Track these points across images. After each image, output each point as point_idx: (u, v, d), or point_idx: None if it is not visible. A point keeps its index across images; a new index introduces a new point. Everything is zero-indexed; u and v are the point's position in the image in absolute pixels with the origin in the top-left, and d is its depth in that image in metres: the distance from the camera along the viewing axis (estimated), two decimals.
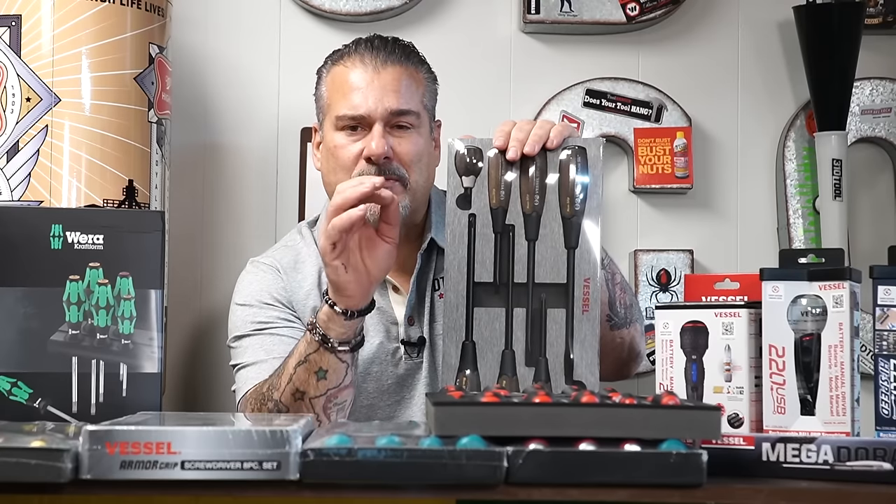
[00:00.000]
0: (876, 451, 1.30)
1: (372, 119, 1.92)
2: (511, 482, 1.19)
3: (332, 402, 1.73)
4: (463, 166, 1.66)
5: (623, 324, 1.91)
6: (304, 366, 1.71)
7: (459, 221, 1.65)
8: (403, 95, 1.94)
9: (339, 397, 1.73)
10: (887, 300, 1.46)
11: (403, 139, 1.93)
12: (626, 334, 1.92)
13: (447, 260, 1.64)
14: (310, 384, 1.71)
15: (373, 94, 1.92)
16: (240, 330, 1.94)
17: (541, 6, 2.66)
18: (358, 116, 1.92)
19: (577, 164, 1.65)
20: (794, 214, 2.71)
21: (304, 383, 1.71)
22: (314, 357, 1.70)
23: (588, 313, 1.62)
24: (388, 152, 1.90)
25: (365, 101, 1.92)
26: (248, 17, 2.69)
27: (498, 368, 1.62)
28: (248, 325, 1.93)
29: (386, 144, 1.90)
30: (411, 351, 1.95)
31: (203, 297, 2.64)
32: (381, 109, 1.91)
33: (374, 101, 1.92)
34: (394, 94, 1.93)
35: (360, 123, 1.92)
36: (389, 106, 1.92)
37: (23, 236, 1.57)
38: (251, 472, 1.18)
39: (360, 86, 1.93)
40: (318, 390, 1.71)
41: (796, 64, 2.70)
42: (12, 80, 2.16)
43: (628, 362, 1.97)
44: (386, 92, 1.93)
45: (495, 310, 1.63)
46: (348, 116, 1.93)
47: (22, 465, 1.16)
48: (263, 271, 1.99)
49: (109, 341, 1.57)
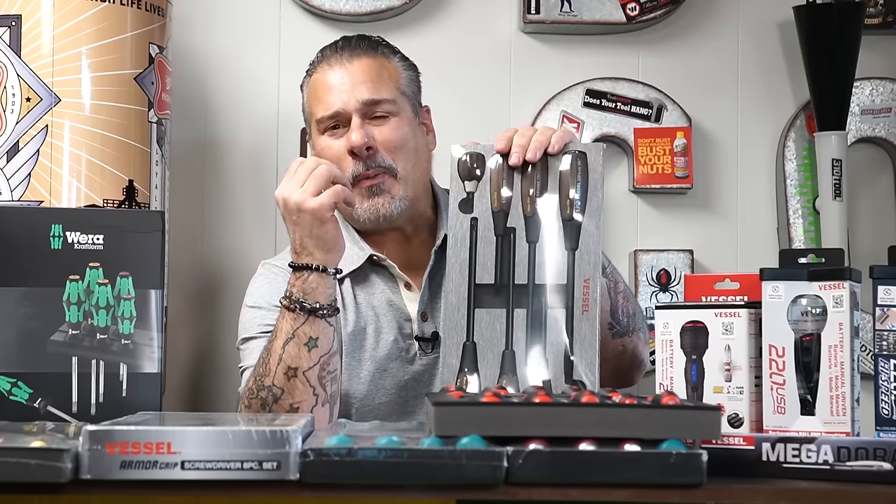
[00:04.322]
0: (876, 451, 1.30)
1: (348, 113, 1.94)
2: (511, 482, 1.19)
3: (325, 371, 1.72)
4: (465, 172, 1.68)
5: (625, 332, 1.91)
6: (294, 341, 1.71)
7: (461, 225, 1.66)
8: (374, 84, 1.96)
9: (330, 364, 1.73)
10: (887, 300, 1.46)
11: (383, 127, 1.95)
12: (629, 342, 1.92)
13: (449, 262, 1.65)
14: (302, 357, 1.71)
15: (344, 90, 1.95)
16: (248, 332, 1.95)
17: (541, 6, 2.66)
18: (334, 114, 1.95)
19: (578, 169, 1.66)
20: (794, 214, 2.71)
21: (296, 358, 1.71)
22: (303, 329, 1.70)
23: (588, 313, 1.62)
24: (370, 142, 1.92)
25: (339, 98, 1.95)
26: (248, 17, 2.69)
27: (498, 369, 1.62)
28: (256, 327, 1.93)
29: (365, 135, 1.92)
30: (426, 347, 1.96)
31: (203, 297, 2.64)
32: (353, 102, 1.94)
33: (346, 95, 1.94)
34: (363, 85, 1.95)
35: (339, 121, 1.95)
36: (360, 97, 1.94)
37: (23, 236, 1.57)
38: (251, 472, 1.18)
39: (332, 85, 1.96)
40: (311, 361, 1.71)
41: (796, 64, 2.70)
42: (12, 80, 2.16)
43: (631, 370, 1.97)
44: (356, 84, 1.95)
45: (496, 311, 1.64)
46: (326, 117, 1.96)
47: (22, 465, 1.16)
48: (275, 273, 1.99)
49: (109, 341, 1.57)
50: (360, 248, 1.99)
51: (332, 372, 1.74)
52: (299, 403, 1.70)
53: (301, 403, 1.71)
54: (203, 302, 2.64)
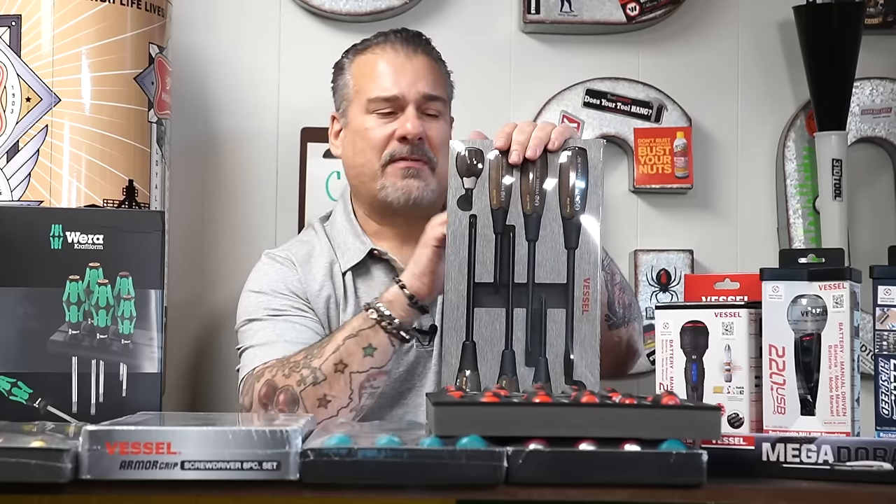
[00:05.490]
0: (876, 451, 1.30)
1: (405, 101, 1.98)
2: (511, 482, 1.19)
3: (368, 383, 1.77)
4: (464, 167, 1.67)
5: (621, 323, 1.93)
6: (355, 339, 1.76)
7: (460, 222, 1.65)
8: (433, 82, 2.02)
9: (376, 380, 1.78)
10: (887, 300, 1.46)
11: (433, 125, 2.00)
12: (624, 333, 1.94)
13: (448, 260, 1.65)
14: (355, 358, 1.75)
15: (405, 78, 1.99)
16: (251, 315, 1.97)
17: (541, 6, 2.66)
18: (392, 97, 1.98)
19: (578, 166, 1.66)
20: (794, 214, 2.71)
21: (351, 356, 1.75)
22: (367, 333, 1.76)
23: (588, 313, 1.62)
24: (423, 133, 1.97)
25: (398, 84, 1.99)
26: (248, 17, 2.69)
27: (498, 368, 1.62)
28: (260, 310, 1.96)
29: (421, 125, 1.97)
30: (422, 338, 1.97)
31: (203, 297, 2.64)
32: (413, 92, 1.98)
33: (407, 84, 1.99)
34: (424, 80, 2.00)
35: (393, 106, 1.99)
36: (421, 90, 1.99)
37: (23, 236, 1.57)
38: (251, 472, 1.18)
39: (393, 69, 2.00)
40: (361, 366, 1.76)
41: (796, 64, 2.70)
42: (12, 80, 2.16)
43: (626, 360, 1.99)
44: (418, 77, 2.00)
45: (495, 310, 1.63)
46: (382, 98, 1.99)
47: (22, 465, 1.16)
48: (280, 263, 2.03)
49: (109, 341, 1.57)
50: (361, 243, 2.02)
51: (375, 387, 1.79)
52: (333, 398, 1.75)
53: (334, 400, 1.76)
54: (203, 302, 2.64)
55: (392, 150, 1.96)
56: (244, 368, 1.91)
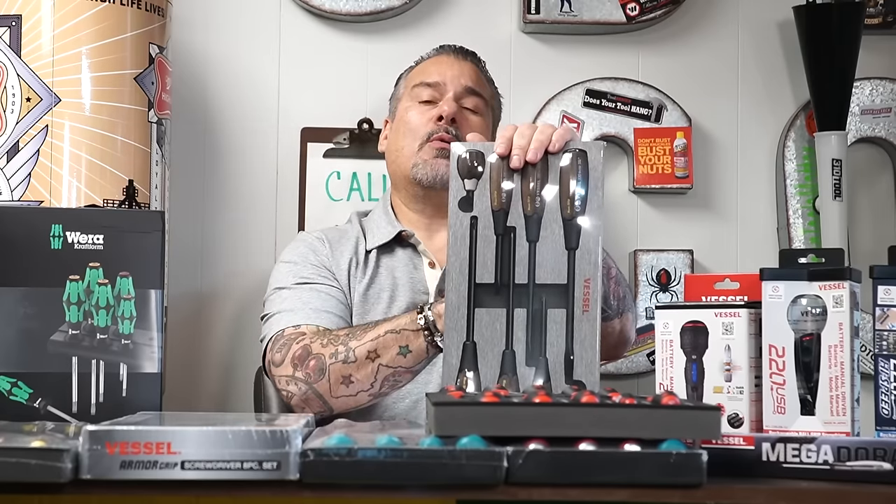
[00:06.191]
0: (876, 451, 1.30)
1: (446, 88, 2.12)
2: (511, 482, 1.19)
3: (394, 378, 1.83)
4: (465, 169, 1.67)
5: (615, 315, 1.96)
6: (395, 336, 1.81)
7: (461, 224, 1.65)
8: (476, 82, 2.16)
9: (402, 379, 1.85)
10: (887, 300, 1.46)
11: (471, 118, 2.12)
12: (618, 324, 1.98)
13: (449, 261, 1.65)
14: (389, 353, 1.81)
15: (451, 71, 2.15)
16: (280, 283, 2.04)
17: (541, 6, 2.66)
18: (434, 83, 2.13)
19: (578, 168, 1.66)
20: (794, 214, 2.71)
21: (386, 350, 1.81)
22: (408, 334, 1.81)
23: (588, 313, 1.62)
24: (458, 116, 2.08)
25: (444, 73, 2.14)
26: (248, 17, 2.69)
27: (498, 368, 1.62)
28: (289, 278, 2.04)
29: (457, 108, 2.09)
30: None
31: (203, 297, 2.64)
32: (455, 82, 2.13)
33: (451, 76, 2.13)
34: (468, 76, 2.15)
35: (435, 92, 2.12)
36: (463, 82, 2.13)
37: (23, 236, 1.57)
38: (251, 472, 1.18)
39: (441, 63, 2.17)
40: (392, 361, 1.82)
41: (796, 64, 2.70)
42: (12, 80, 2.16)
43: (617, 347, 2.04)
44: (463, 72, 2.15)
45: (496, 310, 1.63)
46: (425, 83, 2.13)
47: (22, 465, 1.16)
48: (312, 239, 2.13)
49: (109, 341, 1.57)
50: (391, 226, 2.11)
51: (397, 382, 1.85)
52: (356, 381, 1.82)
53: (357, 382, 1.82)
54: (203, 302, 2.64)
55: (430, 130, 2.07)
56: (270, 332, 1.97)
